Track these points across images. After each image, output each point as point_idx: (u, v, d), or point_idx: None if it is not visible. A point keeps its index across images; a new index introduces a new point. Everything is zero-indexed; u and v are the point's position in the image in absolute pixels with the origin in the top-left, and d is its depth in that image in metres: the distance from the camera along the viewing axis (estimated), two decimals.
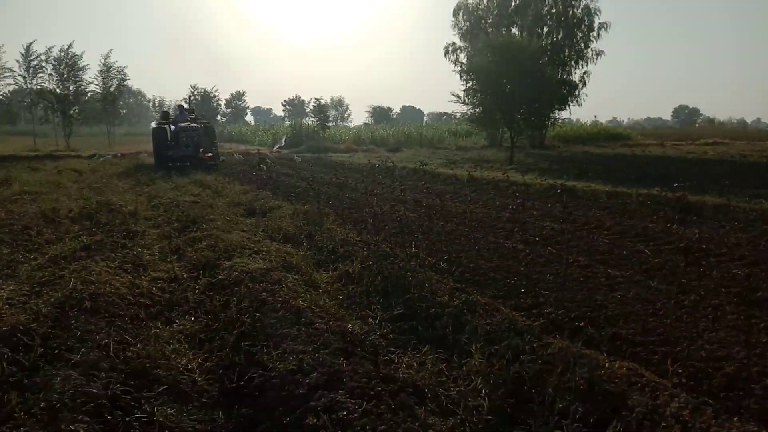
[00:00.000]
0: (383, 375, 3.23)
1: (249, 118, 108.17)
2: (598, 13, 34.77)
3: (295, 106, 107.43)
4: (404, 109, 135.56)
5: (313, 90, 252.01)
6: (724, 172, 17.48)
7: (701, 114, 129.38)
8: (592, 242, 7.37)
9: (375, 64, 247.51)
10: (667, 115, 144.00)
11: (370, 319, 4.60)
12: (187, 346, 3.92)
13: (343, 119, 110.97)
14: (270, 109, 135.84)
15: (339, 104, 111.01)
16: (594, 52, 35.21)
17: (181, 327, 4.25)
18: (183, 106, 22.45)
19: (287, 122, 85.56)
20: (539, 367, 3.46)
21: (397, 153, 31.63)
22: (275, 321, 4.06)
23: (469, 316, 4.26)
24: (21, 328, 3.92)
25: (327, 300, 4.88)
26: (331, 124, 46.14)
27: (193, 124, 19.75)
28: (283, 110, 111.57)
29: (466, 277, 5.74)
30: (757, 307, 4.68)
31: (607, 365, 3.45)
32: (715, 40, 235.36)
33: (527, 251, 6.84)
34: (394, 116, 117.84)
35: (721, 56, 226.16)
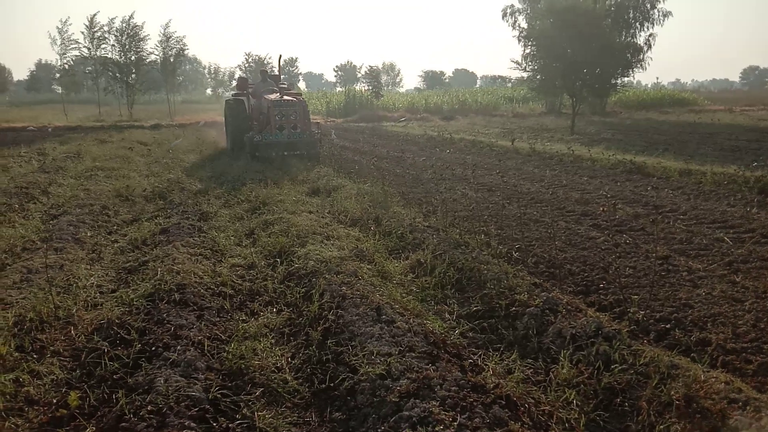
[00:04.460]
0: (473, 384, 3.22)
1: (301, 84, 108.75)
2: None
3: (346, 71, 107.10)
4: (457, 72, 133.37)
5: (364, 54, 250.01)
6: None
7: None
8: (669, 229, 7.07)
9: (427, 26, 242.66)
10: (734, 77, 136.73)
11: (447, 315, 4.60)
12: (273, 341, 4.01)
13: (394, 84, 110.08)
14: (322, 74, 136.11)
15: (390, 69, 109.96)
16: (660, 13, 33.36)
17: (265, 320, 4.36)
18: (266, 72, 16.97)
19: (339, 88, 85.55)
20: (631, 378, 3.38)
21: (452, 121, 31.24)
22: (357, 318, 4.10)
23: (551, 316, 4.18)
24: (117, 321, 4.12)
25: (403, 293, 4.91)
26: (383, 90, 45.71)
27: (287, 97, 13.95)
28: (335, 76, 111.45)
29: (542, 270, 5.64)
30: None
31: (703, 378, 3.32)
32: None
33: (601, 239, 6.67)
34: (447, 80, 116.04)
35: None
